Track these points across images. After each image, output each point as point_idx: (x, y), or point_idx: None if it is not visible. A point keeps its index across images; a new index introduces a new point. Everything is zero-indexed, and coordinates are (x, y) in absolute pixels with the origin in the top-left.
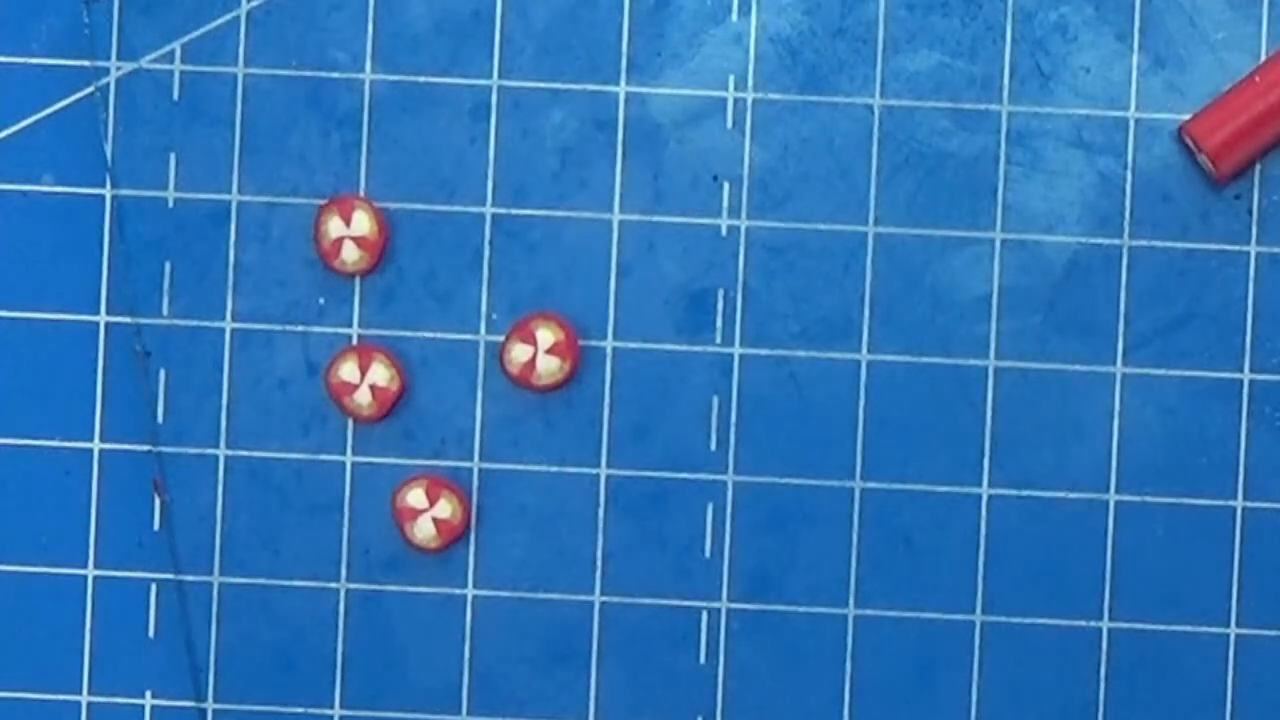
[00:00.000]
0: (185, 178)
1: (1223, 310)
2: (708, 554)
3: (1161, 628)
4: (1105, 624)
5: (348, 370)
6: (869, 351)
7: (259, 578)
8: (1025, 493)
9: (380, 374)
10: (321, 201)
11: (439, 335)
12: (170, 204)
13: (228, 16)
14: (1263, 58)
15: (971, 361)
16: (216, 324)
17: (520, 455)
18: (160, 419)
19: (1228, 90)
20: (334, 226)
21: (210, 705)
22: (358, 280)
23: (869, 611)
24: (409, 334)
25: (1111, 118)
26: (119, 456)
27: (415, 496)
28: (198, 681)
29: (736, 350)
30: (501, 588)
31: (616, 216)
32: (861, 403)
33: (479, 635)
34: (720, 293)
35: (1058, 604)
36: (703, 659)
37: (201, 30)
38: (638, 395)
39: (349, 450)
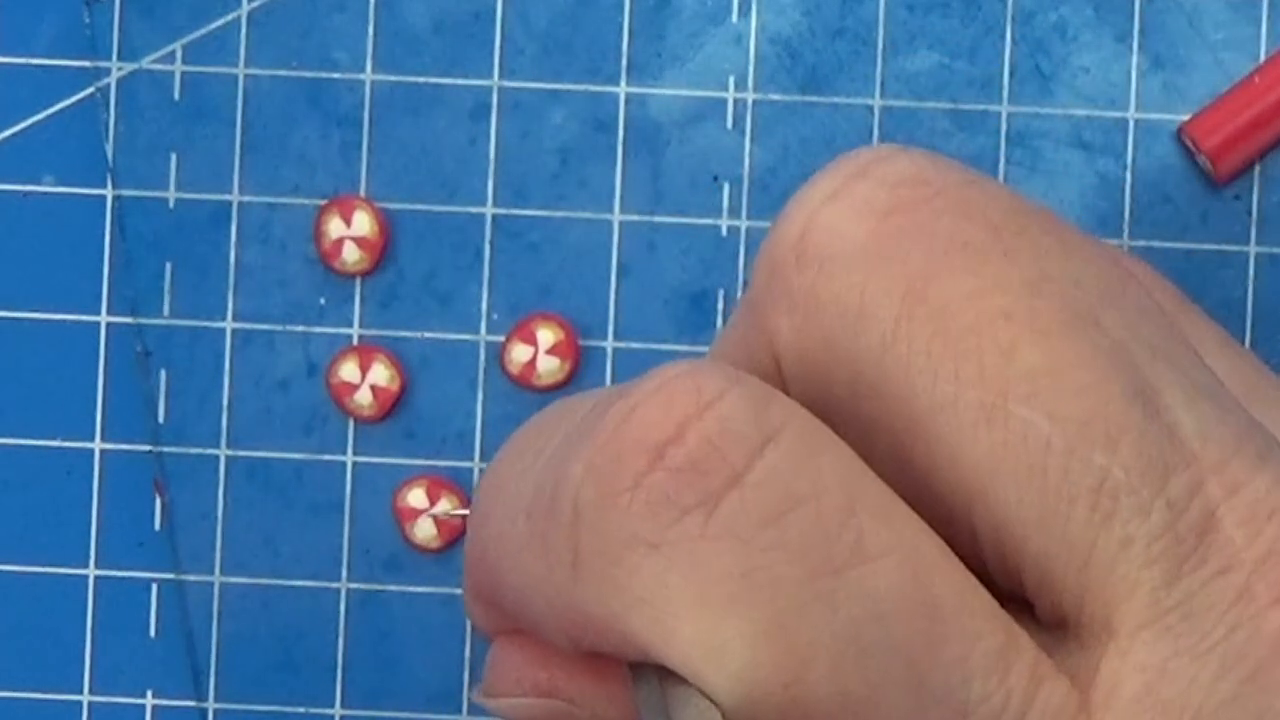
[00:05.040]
0: (186, 178)
1: (1223, 310)
2: None
3: None
4: None
5: (348, 370)
6: None
7: (259, 578)
8: None
9: (381, 374)
10: (322, 201)
11: (439, 335)
12: (171, 204)
13: (228, 17)
14: (1262, 58)
15: None
16: (217, 324)
17: None
18: (160, 419)
19: (1227, 91)
20: (334, 227)
21: (211, 705)
22: (358, 280)
23: None
24: (409, 334)
25: (1111, 118)
26: (119, 456)
27: (415, 496)
28: (198, 681)
29: None
30: None
31: (616, 217)
32: None
33: (479, 635)
34: (720, 293)
35: None
36: None
37: (202, 30)
38: None
39: (349, 450)
